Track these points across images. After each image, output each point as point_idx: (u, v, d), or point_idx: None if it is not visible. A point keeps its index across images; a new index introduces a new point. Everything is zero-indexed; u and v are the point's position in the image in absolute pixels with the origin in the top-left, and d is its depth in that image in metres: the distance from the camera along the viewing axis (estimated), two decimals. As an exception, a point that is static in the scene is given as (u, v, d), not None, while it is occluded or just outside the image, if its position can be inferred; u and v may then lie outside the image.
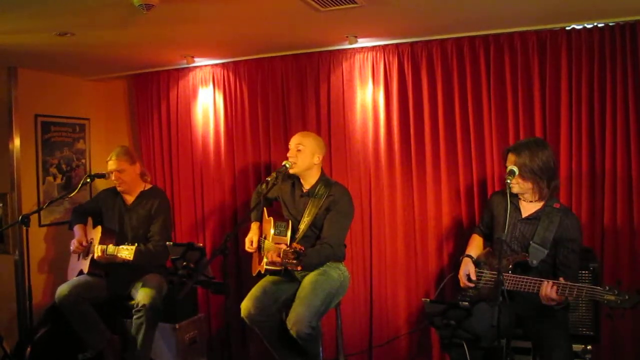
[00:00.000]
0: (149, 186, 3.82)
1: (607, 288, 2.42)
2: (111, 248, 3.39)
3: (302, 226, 3.20)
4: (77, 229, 3.72)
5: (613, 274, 3.15)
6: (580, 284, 2.52)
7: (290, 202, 3.35)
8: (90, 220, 3.78)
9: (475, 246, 3.11)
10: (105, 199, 3.82)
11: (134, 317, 3.40)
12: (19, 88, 4.06)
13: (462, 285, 2.95)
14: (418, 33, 3.57)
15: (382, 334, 3.83)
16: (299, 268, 2.83)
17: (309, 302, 3.01)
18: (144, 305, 3.38)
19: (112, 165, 3.68)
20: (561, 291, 2.51)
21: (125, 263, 3.40)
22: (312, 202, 3.22)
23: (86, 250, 3.63)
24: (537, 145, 2.77)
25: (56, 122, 4.39)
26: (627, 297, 2.38)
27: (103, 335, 3.56)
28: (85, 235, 3.70)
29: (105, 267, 3.55)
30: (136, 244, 3.36)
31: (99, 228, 3.62)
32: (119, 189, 3.71)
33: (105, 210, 3.77)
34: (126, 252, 3.31)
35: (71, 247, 3.63)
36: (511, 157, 2.77)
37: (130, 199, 3.73)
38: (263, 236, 3.38)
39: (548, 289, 2.53)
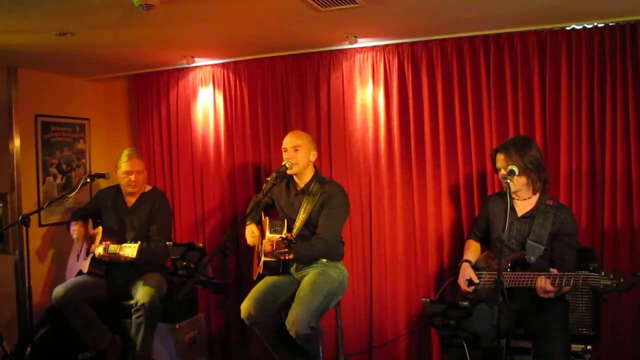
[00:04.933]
0: (149, 187, 3.82)
1: (603, 274, 2.47)
2: (113, 246, 3.37)
3: (298, 224, 3.21)
4: (73, 224, 3.68)
5: (613, 274, 3.16)
6: (574, 272, 2.56)
7: (285, 201, 3.35)
8: (90, 222, 3.77)
9: (473, 251, 3.12)
10: (104, 199, 3.80)
11: (133, 316, 3.40)
12: (19, 88, 4.06)
13: (462, 291, 2.96)
14: (418, 33, 3.57)
15: (382, 334, 3.83)
16: (291, 256, 2.85)
17: (308, 302, 3.01)
18: (143, 305, 3.36)
19: (131, 166, 3.60)
20: (558, 282, 2.55)
21: (126, 262, 3.40)
22: (307, 200, 3.23)
23: (86, 250, 3.63)
24: (523, 141, 2.87)
25: (56, 122, 4.39)
26: (622, 280, 2.43)
27: (103, 335, 3.56)
28: (84, 227, 3.69)
29: (105, 267, 3.55)
30: (139, 242, 3.34)
31: (100, 228, 3.63)
32: (130, 190, 3.66)
33: (104, 211, 3.76)
34: (129, 249, 3.29)
35: (72, 235, 3.60)
36: (500, 157, 2.82)
37: (132, 200, 3.72)
38: (261, 237, 3.38)
39: (542, 282, 2.58)
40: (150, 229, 3.64)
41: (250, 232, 3.41)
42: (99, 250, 3.42)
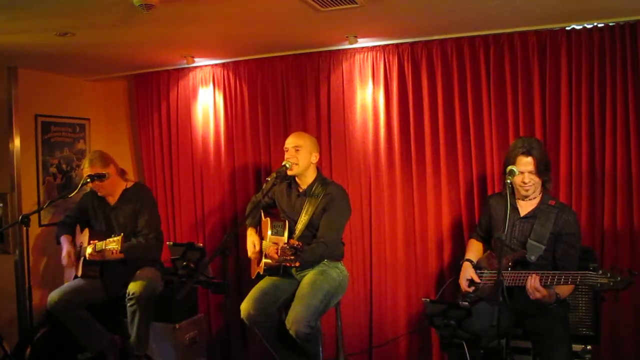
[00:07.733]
0: (131, 183, 3.77)
1: (600, 272, 2.46)
2: (100, 244, 3.35)
3: (300, 226, 3.20)
4: (64, 240, 3.68)
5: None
6: (567, 271, 2.56)
7: (286, 202, 3.34)
8: (78, 228, 3.76)
9: (475, 250, 3.11)
10: (90, 200, 3.76)
11: (127, 305, 3.41)
12: (19, 88, 4.06)
13: (463, 290, 2.96)
14: (418, 33, 3.57)
15: (382, 334, 3.83)
16: (297, 264, 2.83)
17: (307, 301, 3.01)
18: (134, 294, 3.38)
19: (85, 172, 3.62)
20: (544, 280, 2.53)
21: (119, 260, 3.41)
22: (309, 202, 3.22)
23: (77, 255, 3.62)
24: (539, 142, 2.88)
25: (56, 122, 4.39)
26: (619, 278, 2.43)
27: (101, 337, 3.56)
28: (73, 243, 3.68)
29: (99, 267, 3.54)
30: (122, 234, 3.29)
31: (87, 230, 3.63)
32: (99, 194, 3.67)
33: (92, 213, 3.74)
34: (113, 243, 3.26)
35: (63, 262, 3.62)
36: (528, 160, 2.77)
37: (113, 200, 3.69)
38: (260, 238, 3.38)
39: (532, 279, 2.57)
40: (137, 224, 3.62)
41: (252, 246, 3.35)
42: (88, 250, 3.41)
